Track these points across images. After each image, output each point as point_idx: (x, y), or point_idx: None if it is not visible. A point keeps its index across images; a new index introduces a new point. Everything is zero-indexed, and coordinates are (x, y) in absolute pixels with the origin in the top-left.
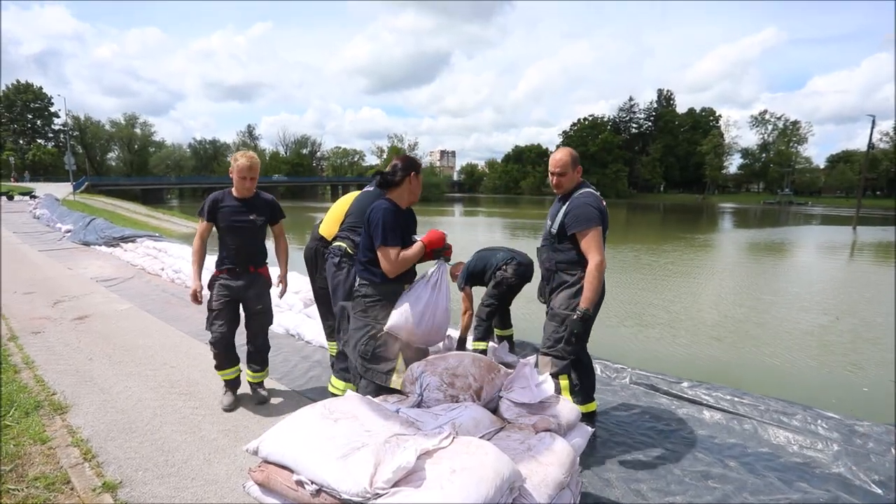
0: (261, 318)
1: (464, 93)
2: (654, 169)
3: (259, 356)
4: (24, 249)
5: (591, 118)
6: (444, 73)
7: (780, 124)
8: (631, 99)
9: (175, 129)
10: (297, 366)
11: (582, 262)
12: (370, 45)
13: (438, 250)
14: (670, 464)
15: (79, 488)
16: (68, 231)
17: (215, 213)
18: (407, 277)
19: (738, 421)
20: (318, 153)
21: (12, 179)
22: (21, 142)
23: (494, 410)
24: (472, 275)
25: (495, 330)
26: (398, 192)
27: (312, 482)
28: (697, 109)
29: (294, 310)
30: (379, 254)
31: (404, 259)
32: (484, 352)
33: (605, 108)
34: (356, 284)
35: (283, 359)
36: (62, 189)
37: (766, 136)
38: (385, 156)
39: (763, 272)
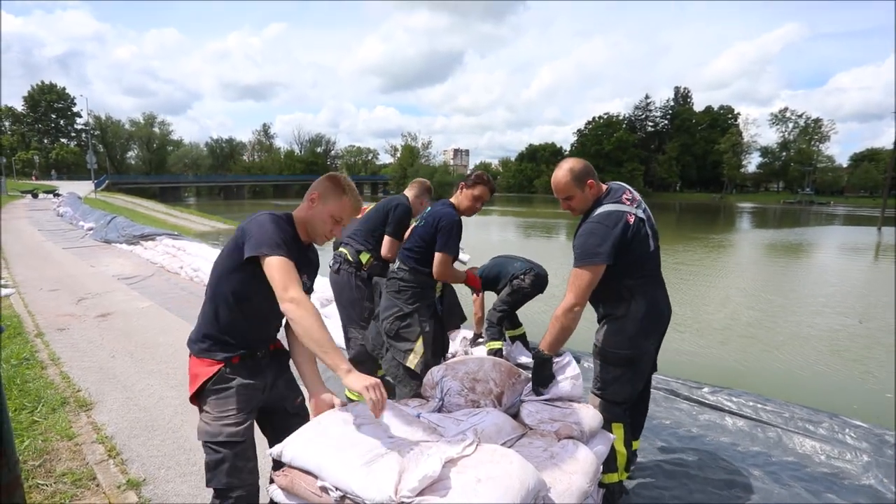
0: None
1: (477, 91)
2: (670, 168)
3: None
4: (48, 247)
5: (606, 116)
6: (458, 71)
7: (802, 122)
8: (647, 97)
9: (192, 128)
10: None
11: (622, 293)
12: (384, 44)
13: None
14: (692, 471)
15: (104, 485)
16: (90, 229)
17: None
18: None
19: (761, 428)
20: (333, 152)
21: (33, 178)
22: (45, 141)
23: (515, 416)
24: (485, 280)
25: (506, 332)
26: (459, 201)
27: (336, 488)
28: (715, 107)
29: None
30: (437, 257)
31: (452, 273)
32: (500, 351)
33: (621, 107)
34: (394, 266)
35: None
36: (84, 187)
37: (786, 134)
38: (399, 154)
39: (780, 273)
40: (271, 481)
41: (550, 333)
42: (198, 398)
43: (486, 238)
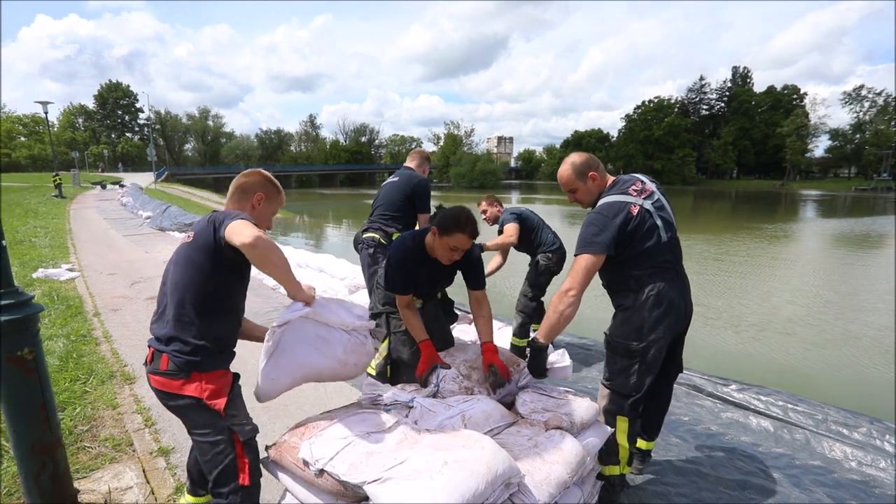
0: None
1: (522, 76)
2: (725, 153)
3: None
4: (112, 235)
5: (656, 100)
6: (502, 57)
7: (881, 100)
8: (702, 78)
9: (244, 121)
10: None
11: (629, 283)
12: (427, 32)
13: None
14: (704, 469)
15: (139, 451)
16: (148, 217)
17: None
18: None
19: (788, 429)
20: (377, 141)
21: (100, 170)
22: (113, 136)
23: (511, 404)
24: (523, 228)
25: (532, 325)
26: (429, 242)
27: (317, 461)
28: (778, 87)
29: (339, 295)
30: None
31: (405, 315)
32: (523, 350)
33: (673, 89)
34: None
35: None
36: (146, 178)
37: (861, 114)
38: (441, 142)
39: (836, 266)
40: (266, 454)
41: (547, 320)
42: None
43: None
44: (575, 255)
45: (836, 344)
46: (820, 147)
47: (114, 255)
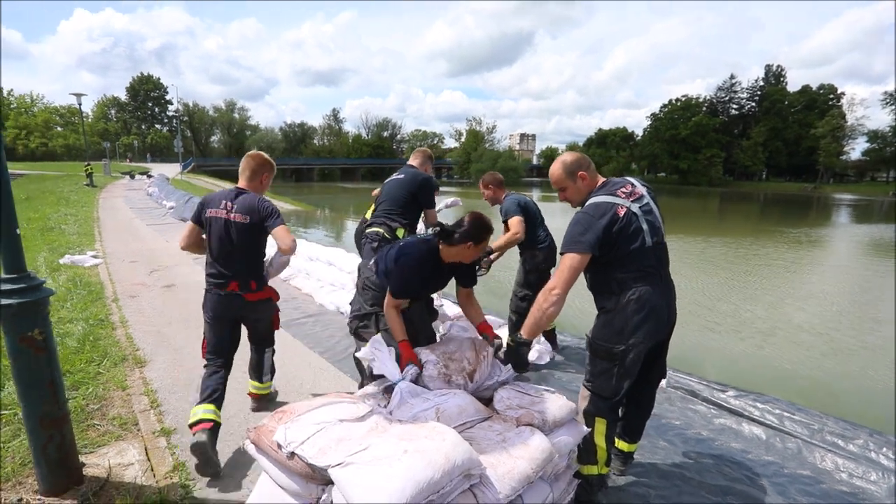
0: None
1: (546, 74)
2: (755, 154)
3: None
4: (136, 224)
5: (683, 99)
6: (527, 54)
7: None
8: (732, 77)
9: (269, 114)
10: (340, 342)
11: (612, 286)
12: (451, 28)
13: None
14: (688, 474)
15: (143, 430)
16: (171, 207)
17: None
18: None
19: (781, 438)
20: (398, 136)
21: (127, 160)
22: (143, 127)
23: (490, 400)
24: (526, 219)
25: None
26: (447, 250)
27: (289, 444)
28: (814, 86)
29: (346, 289)
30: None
31: (389, 315)
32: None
33: (702, 88)
34: (370, 262)
35: (329, 335)
36: (173, 169)
37: None
38: (463, 138)
39: (858, 275)
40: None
41: (530, 317)
42: None
43: (549, 224)
44: (560, 254)
45: (846, 354)
46: (857, 149)
47: (136, 244)
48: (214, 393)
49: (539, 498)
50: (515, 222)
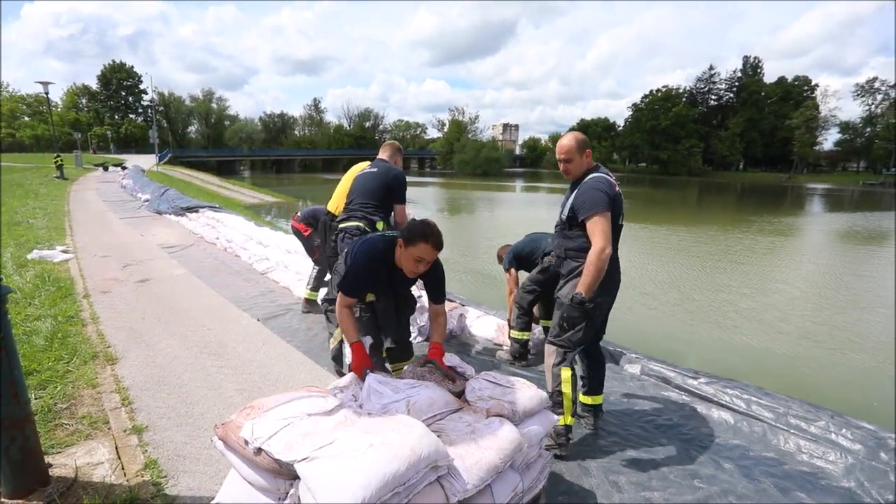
0: None
1: (529, 63)
2: (732, 145)
3: None
4: (108, 217)
5: (664, 89)
6: (510, 43)
7: (893, 93)
8: (711, 68)
9: (248, 103)
10: (317, 335)
11: (589, 251)
12: (435, 17)
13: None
14: (658, 459)
15: (114, 428)
16: (146, 200)
17: None
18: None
19: (748, 422)
20: (381, 126)
21: (91, 151)
22: (116, 117)
23: (462, 392)
24: (520, 258)
25: (540, 321)
26: (397, 251)
27: (256, 440)
28: (789, 78)
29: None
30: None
31: (341, 316)
32: (526, 342)
33: (682, 78)
34: (345, 250)
35: (306, 327)
36: (149, 160)
37: (873, 107)
38: (446, 129)
39: (841, 262)
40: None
41: (587, 276)
42: None
43: (533, 216)
44: (593, 217)
45: (816, 338)
46: (829, 140)
47: (109, 238)
48: None
49: (508, 487)
50: (508, 277)
